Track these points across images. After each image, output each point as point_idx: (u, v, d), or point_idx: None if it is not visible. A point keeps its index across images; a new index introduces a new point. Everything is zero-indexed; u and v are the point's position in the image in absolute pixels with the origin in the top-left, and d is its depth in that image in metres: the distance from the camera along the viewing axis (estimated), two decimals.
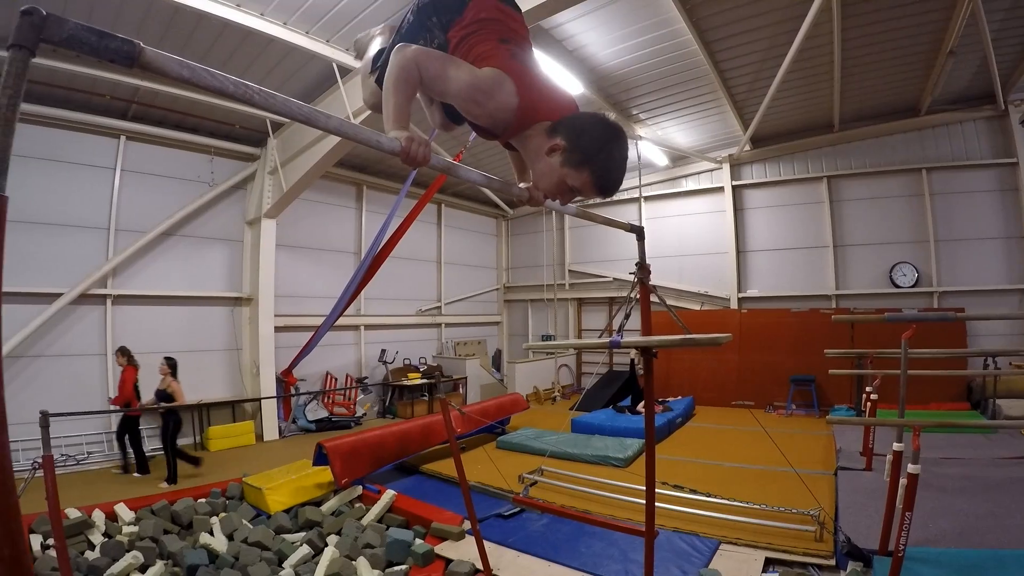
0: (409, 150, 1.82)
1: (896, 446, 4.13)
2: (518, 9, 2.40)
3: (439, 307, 15.58)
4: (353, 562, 4.72)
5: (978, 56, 8.90)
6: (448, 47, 2.33)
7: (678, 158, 14.08)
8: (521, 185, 2.53)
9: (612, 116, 2.20)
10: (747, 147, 12.49)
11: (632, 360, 12.57)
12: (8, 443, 0.96)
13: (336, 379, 12.38)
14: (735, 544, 4.88)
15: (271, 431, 10.52)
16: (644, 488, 3.46)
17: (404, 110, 1.92)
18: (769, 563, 4.59)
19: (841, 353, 6.56)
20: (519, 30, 2.35)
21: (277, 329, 10.93)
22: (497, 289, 17.94)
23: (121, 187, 9.48)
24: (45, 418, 3.23)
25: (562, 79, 9.09)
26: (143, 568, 4.67)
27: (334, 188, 12.80)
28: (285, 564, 4.79)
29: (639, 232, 3.59)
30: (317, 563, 4.70)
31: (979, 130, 11.02)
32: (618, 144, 2.04)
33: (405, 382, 12.80)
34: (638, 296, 3.62)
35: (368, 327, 13.40)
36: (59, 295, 8.62)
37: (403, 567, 4.66)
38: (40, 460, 3.43)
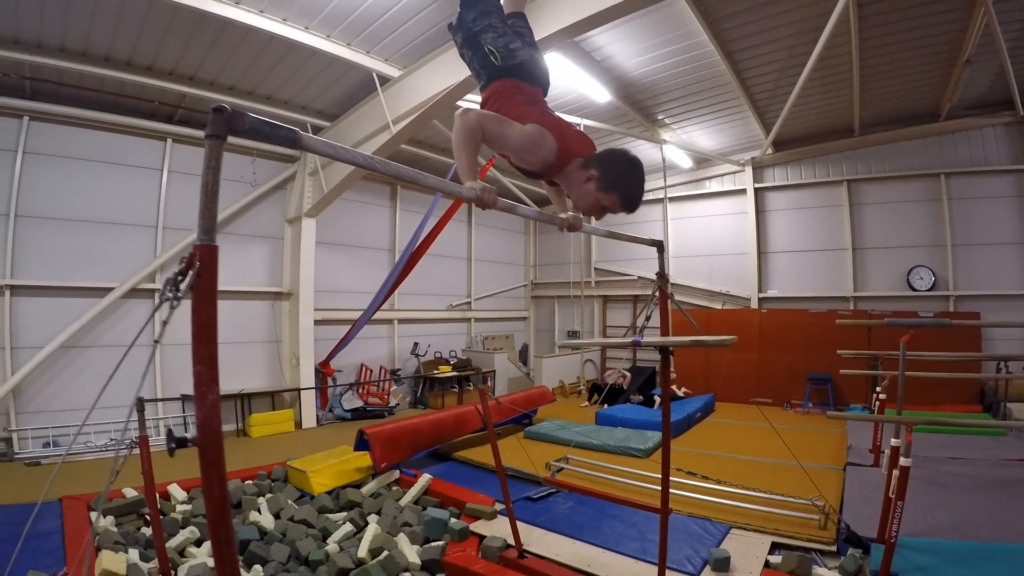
0: (482, 198, 2.35)
1: (894, 442, 4.44)
2: (538, 85, 3.03)
3: (469, 302, 15.98)
4: (394, 538, 5.06)
5: (996, 64, 9.02)
6: (486, 90, 2.99)
7: (701, 161, 14.34)
8: (561, 215, 3.06)
9: (631, 140, 2.81)
10: (769, 151, 12.67)
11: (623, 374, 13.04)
12: (219, 406, 1.39)
13: (371, 370, 12.81)
14: (744, 529, 5.23)
15: (309, 419, 10.97)
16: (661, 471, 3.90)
17: (474, 165, 2.46)
18: (775, 547, 4.92)
19: (854, 354, 6.84)
20: (536, 95, 2.96)
21: (315, 322, 11.37)
22: (525, 285, 18.29)
23: (168, 187, 9.90)
24: (141, 403, 3.66)
25: (591, 87, 9.57)
26: (198, 543, 4.99)
27: (370, 188, 13.19)
28: (329, 540, 5.11)
29: (659, 246, 4.01)
30: (359, 539, 5.03)
31: (998, 136, 11.14)
32: (637, 172, 2.69)
33: (436, 374, 13.23)
34: (658, 302, 4.04)
35: (401, 321, 13.83)
36: (110, 289, 9.08)
37: (440, 543, 5.00)
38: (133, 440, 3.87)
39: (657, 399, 11.23)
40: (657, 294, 3.97)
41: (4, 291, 8.24)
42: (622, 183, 2.62)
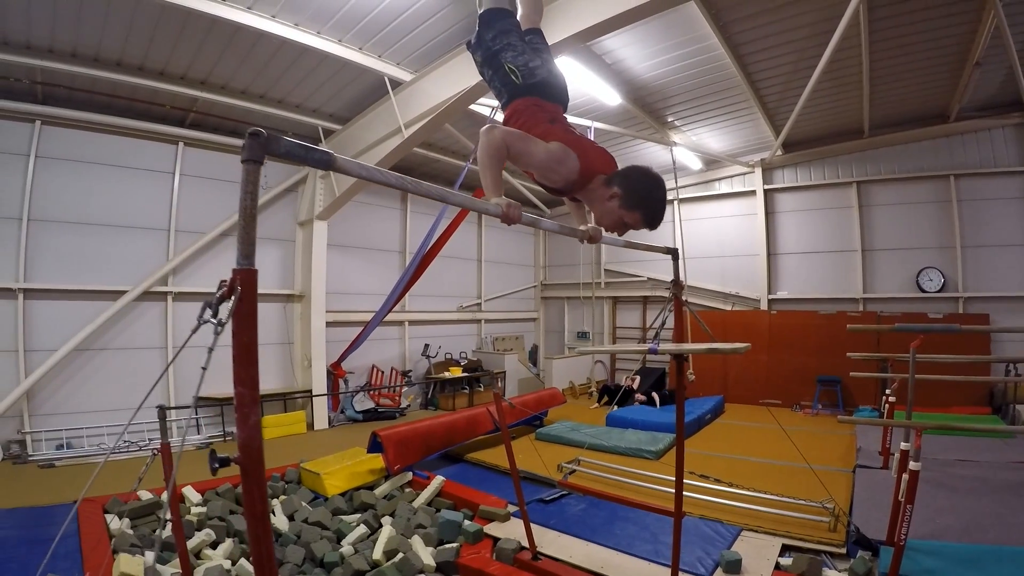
0: (508, 214, 2.42)
1: (903, 445, 4.46)
2: (558, 102, 3.07)
3: (479, 304, 16.01)
4: (408, 540, 5.12)
5: (1005, 65, 8.98)
6: (508, 108, 3.03)
7: (711, 162, 14.35)
8: (582, 228, 3.12)
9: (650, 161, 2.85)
10: (779, 152, 12.70)
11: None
12: (260, 426, 1.44)
13: (382, 372, 12.88)
14: (755, 531, 5.28)
15: (321, 420, 11.03)
16: (674, 475, 3.94)
17: (499, 181, 2.53)
18: (785, 549, 4.98)
19: (863, 356, 6.91)
20: (557, 112, 3.00)
21: (327, 324, 11.43)
22: (534, 287, 18.29)
23: (180, 191, 9.95)
24: (162, 411, 3.69)
25: (601, 91, 9.61)
26: (214, 544, 5.02)
27: (380, 190, 13.11)
28: (344, 542, 5.16)
29: (674, 254, 4.06)
30: (374, 541, 5.08)
31: (1007, 137, 11.09)
32: (660, 190, 2.73)
33: (447, 375, 13.31)
34: (672, 309, 4.10)
35: (412, 323, 13.90)
36: (123, 292, 9.14)
37: (455, 544, 5.03)
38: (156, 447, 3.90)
39: (656, 398, 11.33)
40: (672, 301, 4.02)
41: (17, 294, 8.30)
42: (645, 201, 2.67)
